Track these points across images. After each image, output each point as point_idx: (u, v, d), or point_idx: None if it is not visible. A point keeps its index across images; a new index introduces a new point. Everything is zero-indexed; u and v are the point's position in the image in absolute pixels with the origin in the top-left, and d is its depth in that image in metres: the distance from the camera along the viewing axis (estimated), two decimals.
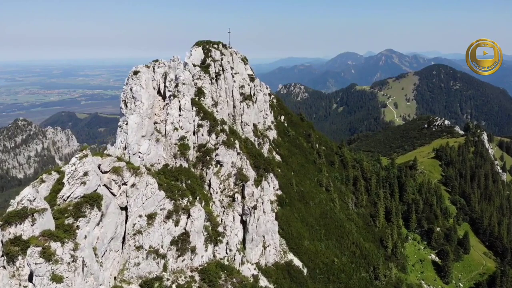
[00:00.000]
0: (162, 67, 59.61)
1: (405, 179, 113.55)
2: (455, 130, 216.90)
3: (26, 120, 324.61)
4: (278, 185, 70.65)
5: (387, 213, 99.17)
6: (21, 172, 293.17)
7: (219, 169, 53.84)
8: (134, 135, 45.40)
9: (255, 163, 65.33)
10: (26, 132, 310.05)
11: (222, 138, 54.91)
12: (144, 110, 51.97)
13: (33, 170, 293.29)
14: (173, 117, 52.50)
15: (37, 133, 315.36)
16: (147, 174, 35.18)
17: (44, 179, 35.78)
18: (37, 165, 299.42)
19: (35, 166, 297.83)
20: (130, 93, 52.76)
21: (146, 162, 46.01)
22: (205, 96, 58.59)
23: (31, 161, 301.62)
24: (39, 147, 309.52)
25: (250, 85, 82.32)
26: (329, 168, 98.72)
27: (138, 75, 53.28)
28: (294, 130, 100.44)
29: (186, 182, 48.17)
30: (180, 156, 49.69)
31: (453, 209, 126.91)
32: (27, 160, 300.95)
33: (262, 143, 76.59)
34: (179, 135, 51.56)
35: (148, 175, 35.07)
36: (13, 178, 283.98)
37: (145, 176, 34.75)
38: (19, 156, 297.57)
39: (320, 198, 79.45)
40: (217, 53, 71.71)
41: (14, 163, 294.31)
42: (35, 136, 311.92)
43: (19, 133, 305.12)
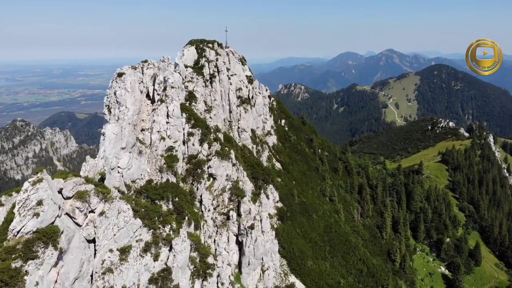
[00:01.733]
0: (152, 68, 53.70)
1: (412, 186, 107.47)
2: (460, 132, 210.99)
3: (24, 121, 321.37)
4: (279, 197, 64.80)
5: (394, 223, 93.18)
6: (18, 174, 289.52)
7: (212, 183, 47.86)
8: (112, 148, 39.39)
9: (253, 174, 59.42)
10: (24, 132, 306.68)
11: (215, 148, 48.90)
12: (129, 116, 46.05)
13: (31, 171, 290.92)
14: (159, 125, 46.50)
15: (35, 133, 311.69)
16: (119, 199, 29.14)
17: (3, 202, 29.91)
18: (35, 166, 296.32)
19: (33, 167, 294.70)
20: (114, 98, 46.86)
21: (126, 178, 40.04)
22: (197, 100, 52.55)
23: (29, 162, 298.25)
24: (37, 148, 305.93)
25: (248, 87, 76.35)
26: (332, 175, 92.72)
27: (122, 78, 47.33)
28: (295, 134, 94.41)
29: (173, 200, 42.20)
30: (166, 169, 43.67)
31: (461, 217, 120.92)
32: (25, 161, 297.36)
33: (261, 150, 70.58)
34: (166, 146, 45.55)
35: (121, 200, 29.04)
36: (10, 179, 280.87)
37: (117, 202, 28.71)
38: (17, 157, 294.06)
39: (323, 210, 73.46)
40: (212, 53, 65.66)
41: (12, 164, 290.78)
42: (33, 137, 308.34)
43: (17, 134, 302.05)
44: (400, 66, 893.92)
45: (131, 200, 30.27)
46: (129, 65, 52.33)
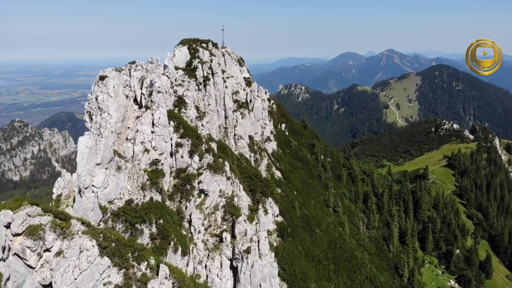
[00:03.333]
0: (140, 70, 48.35)
1: (420, 194, 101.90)
2: (465, 135, 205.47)
3: (22, 121, 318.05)
4: (279, 210, 59.34)
5: (401, 234, 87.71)
6: (16, 175, 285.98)
7: (203, 200, 42.39)
8: (85, 164, 34.03)
9: (250, 186, 54.04)
10: (22, 133, 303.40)
11: (207, 160, 43.43)
12: (112, 124, 40.73)
13: (29, 172, 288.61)
14: (143, 135, 41.09)
15: (34, 134, 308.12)
16: (82, 234, 23.62)
17: None
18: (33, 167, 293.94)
19: (31, 169, 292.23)
20: (96, 103, 41.53)
21: (102, 199, 34.64)
22: (187, 106, 47.08)
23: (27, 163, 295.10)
24: (35, 149, 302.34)
25: (246, 90, 70.95)
26: (336, 183, 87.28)
27: (104, 81, 42.01)
28: (296, 140, 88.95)
29: (157, 222, 36.81)
30: (150, 186, 38.25)
31: (469, 225, 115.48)
32: (23, 162, 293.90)
33: (260, 158, 65.10)
34: (151, 159, 40.13)
35: (84, 236, 23.54)
36: (8, 180, 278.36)
37: (79, 238, 23.23)
38: (15, 158, 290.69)
39: (327, 223, 68.02)
40: (206, 54, 60.16)
41: (10, 165, 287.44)
42: (31, 137, 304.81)
43: (15, 135, 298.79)
44: (400, 66, 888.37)
45: (97, 234, 24.75)
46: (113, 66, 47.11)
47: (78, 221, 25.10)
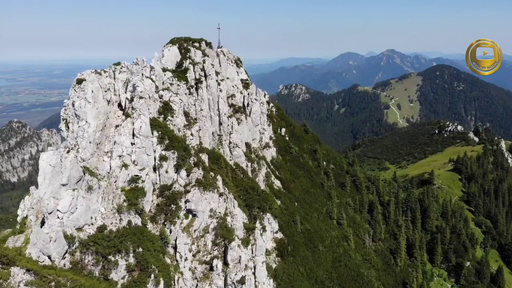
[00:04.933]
0: (126, 72, 43.09)
1: (428, 202, 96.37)
2: (470, 137, 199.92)
3: (20, 122, 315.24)
4: (278, 226, 53.89)
5: (408, 245, 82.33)
6: (14, 176, 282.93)
7: (191, 221, 36.99)
8: (47, 185, 28.73)
9: (247, 201, 48.69)
10: (21, 134, 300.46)
11: (196, 175, 38.02)
12: (90, 134, 35.54)
13: (27, 173, 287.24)
14: (122, 148, 35.71)
15: (32, 135, 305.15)
16: None
17: None
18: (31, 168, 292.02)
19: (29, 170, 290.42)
20: (72, 110, 36.29)
21: (69, 226, 29.29)
22: (173, 113, 41.64)
23: (25, 164, 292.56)
24: (34, 149, 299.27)
25: (243, 93, 65.62)
26: (339, 192, 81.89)
27: (82, 85, 36.87)
28: (297, 145, 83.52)
29: (136, 251, 31.44)
30: (128, 208, 32.86)
31: (478, 233, 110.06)
32: (21, 163, 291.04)
33: (257, 168, 59.69)
34: (130, 175, 34.74)
35: None
36: (6, 182, 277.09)
37: None
38: (12, 159, 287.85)
39: (331, 237, 62.65)
40: (198, 54, 54.77)
41: (8, 167, 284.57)
42: (30, 138, 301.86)
43: (13, 136, 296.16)
44: (401, 67, 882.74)
45: (46, 285, 19.33)
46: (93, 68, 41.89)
47: (23, 268, 19.65)
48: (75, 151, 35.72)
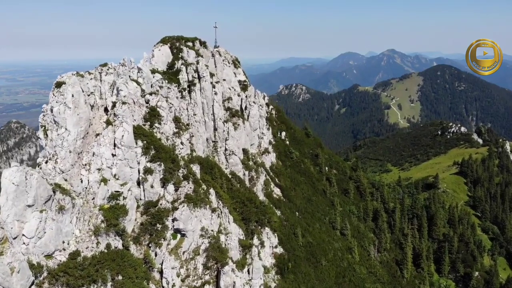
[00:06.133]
0: (112, 73, 39.12)
1: (434, 209, 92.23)
2: (473, 139, 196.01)
3: (19, 123, 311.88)
4: (278, 240, 49.90)
5: (415, 255, 78.28)
6: None
7: (180, 242, 32.99)
8: (11, 206, 24.72)
9: (244, 214, 44.73)
10: (19, 135, 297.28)
11: (186, 189, 34.02)
12: (70, 142, 31.61)
13: None
14: (101, 160, 31.74)
15: (30, 135, 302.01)
16: None
17: None
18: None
19: None
20: (51, 116, 32.39)
21: (36, 253, 25.30)
22: (161, 120, 37.61)
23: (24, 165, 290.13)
24: (32, 150, 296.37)
25: (240, 95, 61.61)
26: (342, 199, 77.91)
27: (61, 89, 32.91)
28: (298, 149, 79.56)
29: (114, 279, 27.44)
30: (106, 230, 28.85)
31: (485, 239, 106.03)
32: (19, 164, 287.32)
33: (256, 176, 55.67)
34: (110, 191, 30.75)
35: None
36: None
37: None
38: (11, 160, 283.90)
39: (334, 250, 58.65)
40: (191, 54, 50.75)
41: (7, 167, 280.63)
42: (28, 139, 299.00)
43: (12, 136, 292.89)
44: (401, 66, 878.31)
45: None
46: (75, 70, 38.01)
47: None
48: (53, 161, 31.96)
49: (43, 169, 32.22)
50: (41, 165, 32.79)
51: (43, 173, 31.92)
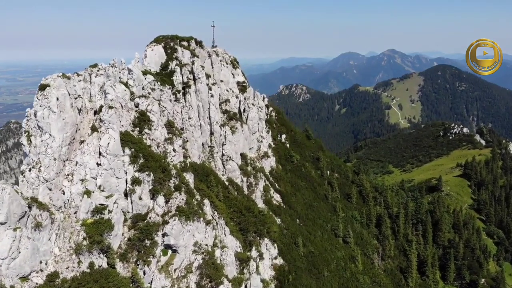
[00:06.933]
0: (103, 75, 36.65)
1: (439, 214, 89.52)
2: (476, 140, 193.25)
3: (18, 123, 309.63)
4: (278, 250, 47.32)
5: (420, 262, 75.64)
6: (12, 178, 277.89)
7: (170, 258, 30.39)
8: None
9: (241, 224, 42.13)
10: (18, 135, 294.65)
11: (177, 201, 31.44)
12: (55, 149, 29.15)
13: None
14: (85, 170, 29.18)
15: None
16: None
17: None
18: None
19: None
20: (35, 121, 29.87)
21: (9, 275, 22.72)
22: (151, 125, 35.02)
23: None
24: None
25: (239, 97, 59.03)
26: (345, 205, 75.33)
27: (45, 92, 30.44)
28: (299, 153, 76.95)
29: None
30: (89, 248, 26.26)
31: (490, 244, 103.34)
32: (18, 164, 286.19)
33: (254, 183, 53.06)
34: (94, 204, 28.16)
35: None
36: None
37: None
38: (10, 161, 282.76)
39: (337, 259, 56.08)
40: (186, 54, 48.16)
41: (6, 168, 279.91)
42: None
43: (11, 136, 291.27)
44: (402, 66, 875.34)
45: None
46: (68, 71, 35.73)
47: None
48: (36, 169, 29.51)
49: (26, 177, 29.86)
50: (24, 173, 30.42)
51: (26, 182, 29.69)
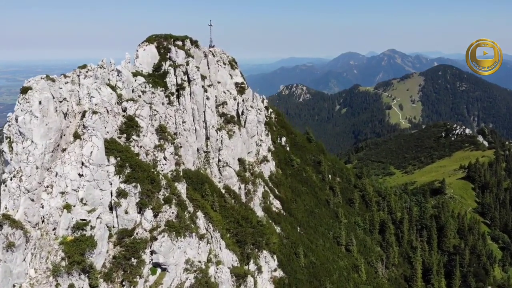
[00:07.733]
0: (92, 76, 34.13)
1: (444, 219, 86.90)
2: (479, 141, 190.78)
3: None
4: (278, 262, 44.74)
5: (424, 270, 73.05)
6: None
7: (160, 278, 27.78)
8: None
9: (238, 236, 39.56)
10: None
11: (167, 215, 28.82)
12: (37, 157, 26.63)
13: None
14: (65, 182, 26.57)
15: None
16: None
17: None
18: None
19: None
20: (16, 126, 27.38)
21: None
22: (140, 131, 32.41)
23: None
24: None
25: (237, 99, 56.44)
26: (347, 210, 72.73)
27: (27, 96, 27.93)
28: (299, 156, 74.36)
29: None
30: (68, 269, 23.66)
31: (495, 249, 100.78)
32: None
33: (253, 190, 50.45)
34: (75, 220, 25.56)
35: None
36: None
37: None
38: None
39: (339, 269, 53.50)
40: (181, 54, 45.53)
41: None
42: None
43: None
44: (402, 66, 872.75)
45: None
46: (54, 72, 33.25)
47: None
48: (17, 179, 27.05)
49: (8, 187, 27.43)
50: (6, 182, 27.99)
51: (8, 192, 27.28)
